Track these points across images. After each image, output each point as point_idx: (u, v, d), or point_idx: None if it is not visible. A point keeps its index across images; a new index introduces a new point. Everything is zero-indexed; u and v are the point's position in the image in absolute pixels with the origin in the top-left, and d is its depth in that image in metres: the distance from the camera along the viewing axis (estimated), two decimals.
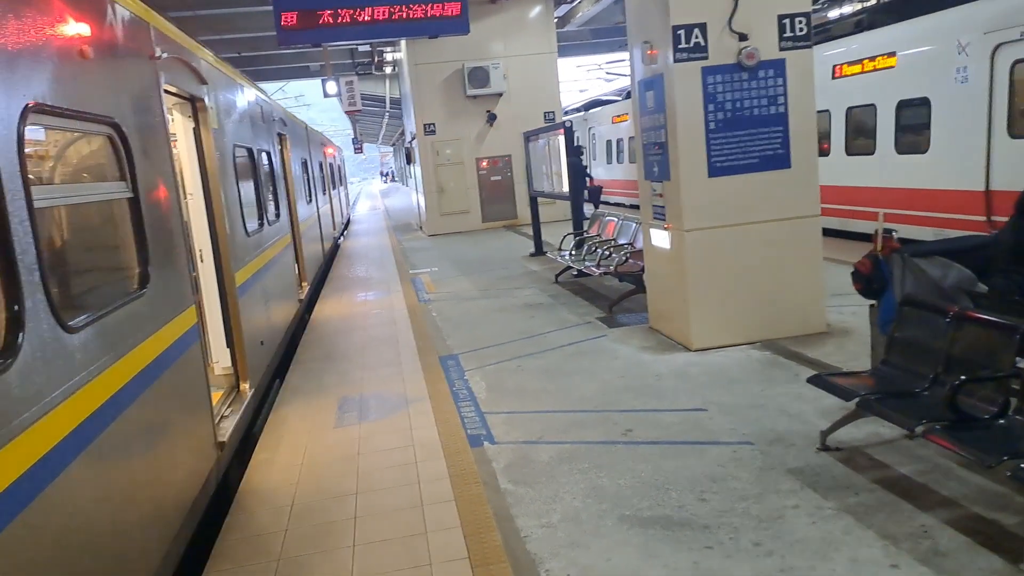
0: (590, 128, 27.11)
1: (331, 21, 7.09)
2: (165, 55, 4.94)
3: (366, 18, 7.14)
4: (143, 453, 3.77)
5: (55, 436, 2.84)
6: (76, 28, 3.50)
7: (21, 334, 2.69)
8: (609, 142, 25.12)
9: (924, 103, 10.18)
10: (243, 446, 6.24)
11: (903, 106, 10.58)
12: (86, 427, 3.11)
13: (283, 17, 7.12)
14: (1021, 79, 8.85)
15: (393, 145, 79.43)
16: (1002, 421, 3.75)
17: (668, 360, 6.89)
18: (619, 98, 29.85)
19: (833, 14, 16.52)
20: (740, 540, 3.81)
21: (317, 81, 35.77)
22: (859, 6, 22.76)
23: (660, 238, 7.42)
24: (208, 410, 5.15)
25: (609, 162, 25.12)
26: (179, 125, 6.05)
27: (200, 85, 6.01)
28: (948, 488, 4.10)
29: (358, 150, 54.51)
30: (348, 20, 7.12)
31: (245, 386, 6.47)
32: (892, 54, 10.61)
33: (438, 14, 7.27)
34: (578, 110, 32.68)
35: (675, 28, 6.64)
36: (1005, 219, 9.49)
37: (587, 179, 19.69)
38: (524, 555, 3.91)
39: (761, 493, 4.27)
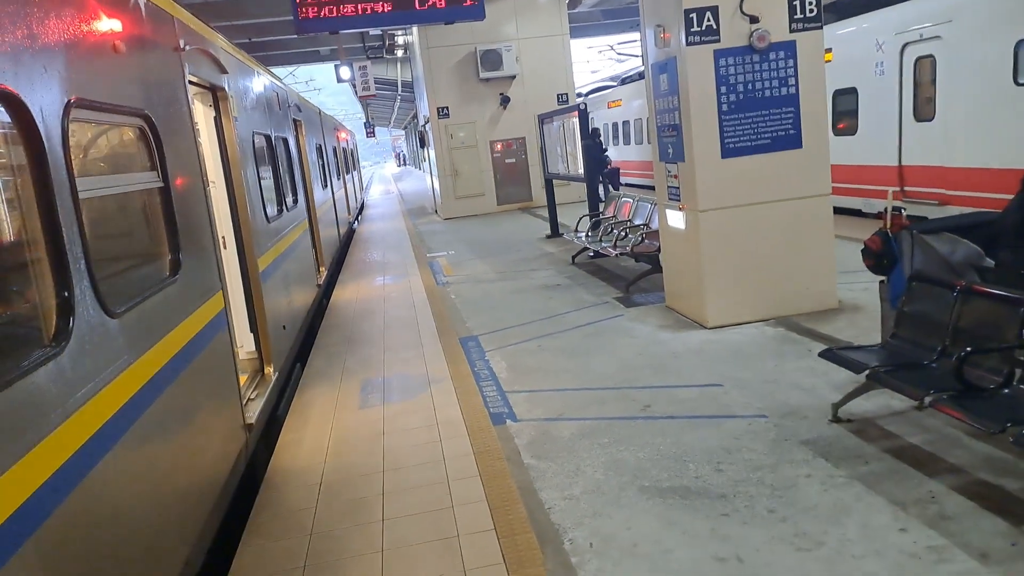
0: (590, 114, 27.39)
1: (349, 9, 7.21)
2: (189, 47, 5.10)
3: (384, 7, 7.26)
4: (179, 434, 3.96)
5: (103, 416, 3.03)
6: (110, 24, 3.65)
7: (72, 319, 2.86)
8: (605, 125, 25.53)
9: (853, 92, 12.08)
10: (267, 429, 6.44)
11: (838, 95, 12.32)
12: (129, 408, 3.30)
13: (300, 6, 7.24)
14: (923, 72, 10.75)
15: (405, 128, 79.47)
16: (1007, 391, 3.88)
17: (684, 338, 7.04)
18: (615, 84, 29.94)
19: None
20: (755, 507, 3.97)
21: (327, 65, 35.92)
22: None
23: (675, 218, 7.54)
24: (236, 393, 5.34)
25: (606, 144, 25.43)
26: (200, 114, 6.21)
27: (221, 75, 6.17)
28: (955, 456, 4.24)
29: (370, 134, 54.63)
30: (366, 8, 7.23)
31: (269, 370, 6.66)
32: (829, 50, 11.16)
33: (455, 1, 7.39)
34: (578, 96, 32.79)
35: (687, 11, 6.73)
36: (916, 189, 10.94)
37: (606, 161, 19.76)
38: (548, 525, 4.09)
39: (775, 463, 4.43)
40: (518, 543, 3.96)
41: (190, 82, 5.15)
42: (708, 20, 6.77)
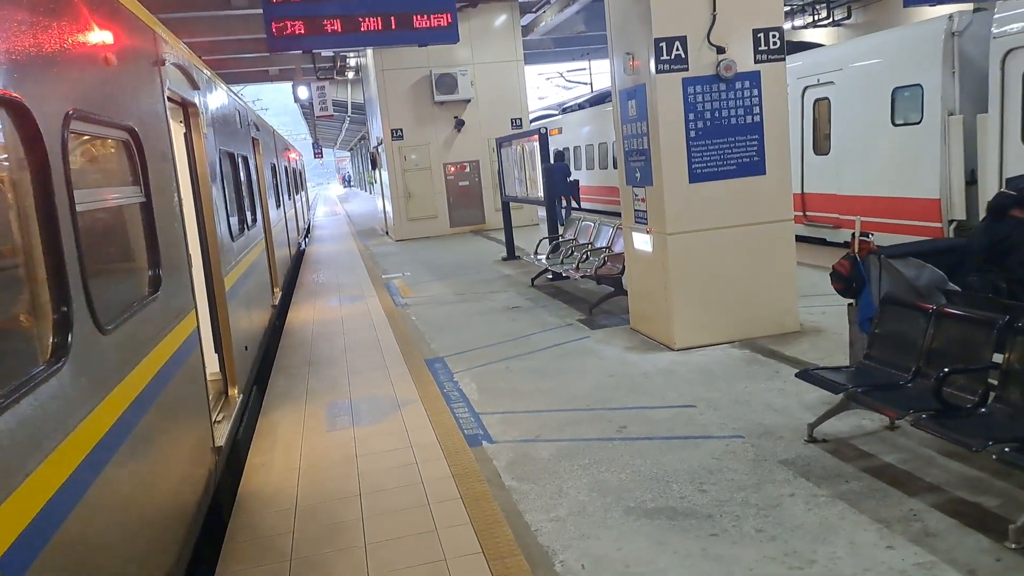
0: None
1: (323, 28, 7.16)
2: (167, 61, 5.00)
3: (359, 27, 7.23)
4: (157, 457, 3.83)
5: (99, 434, 2.91)
6: (101, 36, 3.56)
7: (70, 335, 2.75)
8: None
9: None
10: (232, 452, 6.27)
11: None
12: (118, 427, 3.18)
13: (274, 24, 7.15)
14: (820, 113, 12.50)
15: (351, 150, 78.96)
16: (983, 409, 4.02)
17: (653, 359, 7.11)
18: (556, 112, 30.49)
19: None
20: (743, 527, 4.01)
21: (273, 85, 35.52)
22: (809, 20, 23.54)
23: (642, 241, 7.64)
24: (207, 414, 5.20)
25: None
26: (173, 130, 6.07)
27: (193, 90, 6.05)
28: (931, 475, 4.36)
29: (318, 155, 54.22)
30: (340, 28, 7.20)
31: (234, 391, 6.50)
32: None
33: (430, 24, 7.40)
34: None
35: (657, 40, 6.88)
36: (815, 213, 12.35)
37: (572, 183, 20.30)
38: (537, 548, 4.05)
39: (758, 483, 4.48)
40: (508, 566, 3.92)
41: (167, 97, 5.05)
42: (677, 49, 6.93)
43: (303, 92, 15.42)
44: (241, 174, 8.73)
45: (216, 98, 7.34)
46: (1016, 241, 4.64)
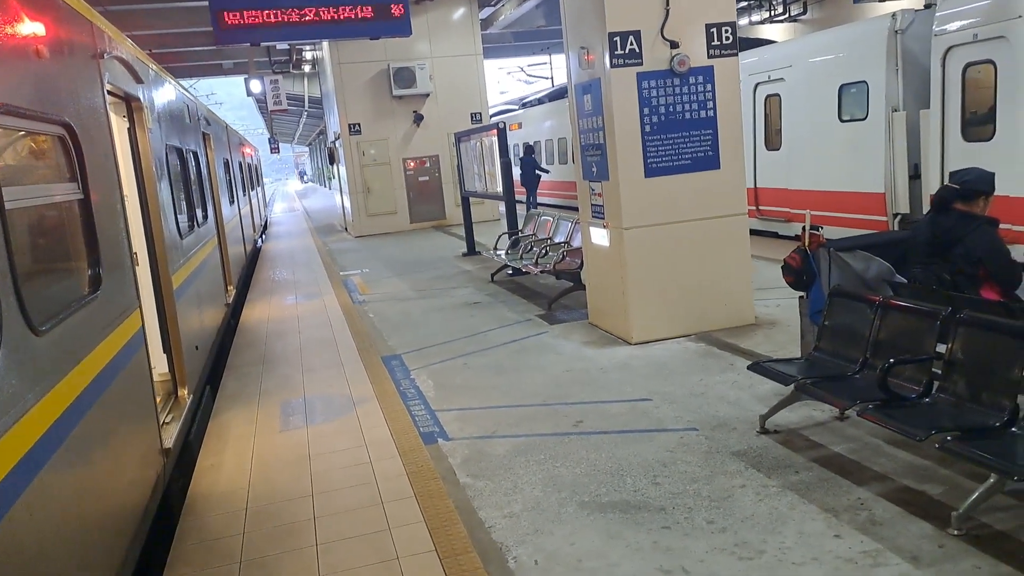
0: None
1: (272, 20, 7.01)
2: (107, 54, 4.86)
3: (308, 18, 7.10)
4: (98, 461, 3.72)
5: (30, 440, 2.81)
6: (32, 27, 3.44)
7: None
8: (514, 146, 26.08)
9: None
10: (181, 454, 6.15)
11: None
12: (55, 430, 3.08)
13: (222, 16, 6.99)
14: (772, 109, 12.62)
15: (309, 145, 78.10)
16: (927, 400, 4.09)
17: (610, 354, 7.13)
18: (516, 107, 30.54)
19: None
20: (695, 519, 4.03)
21: (228, 78, 34.93)
22: (765, 15, 23.86)
23: (599, 236, 7.65)
24: (154, 415, 5.09)
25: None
26: (115, 125, 5.92)
27: (136, 84, 5.90)
28: (879, 464, 4.43)
29: (274, 150, 53.53)
30: (289, 20, 7.05)
31: (183, 392, 6.37)
32: None
33: (381, 16, 7.30)
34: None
35: (611, 35, 6.88)
36: (767, 208, 12.61)
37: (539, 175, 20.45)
38: (490, 544, 4.03)
39: (710, 475, 4.52)
40: (461, 563, 3.89)
41: (108, 91, 4.91)
42: (631, 44, 6.94)
43: (256, 86, 15.16)
44: (190, 170, 8.55)
45: (162, 93, 7.17)
46: (959, 234, 4.72)
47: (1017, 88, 8.25)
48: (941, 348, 4.18)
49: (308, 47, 24.62)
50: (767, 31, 22.99)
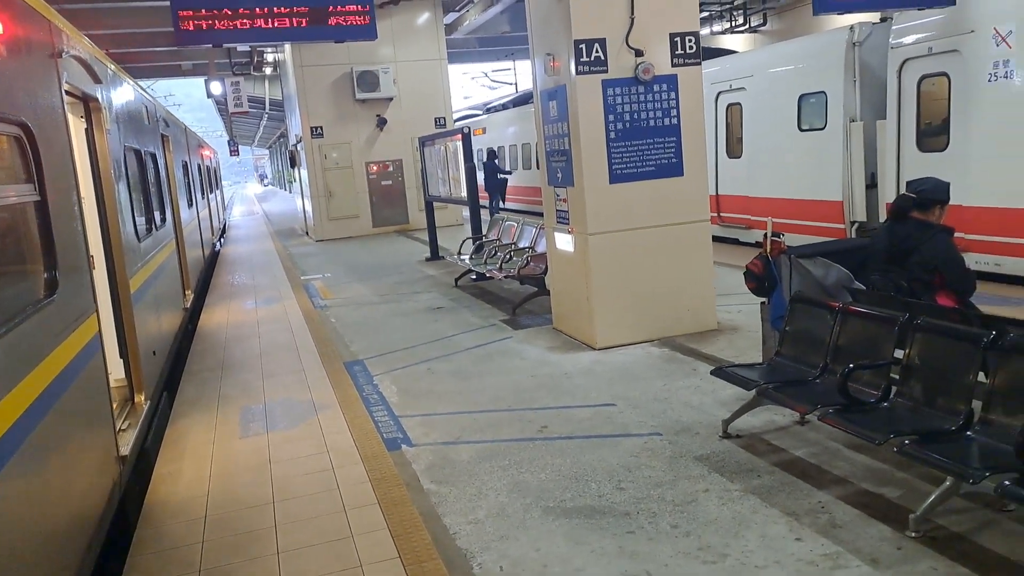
0: None
1: (233, 23, 6.91)
2: (66, 53, 4.75)
3: (272, 22, 7.01)
4: (53, 469, 3.62)
5: None
6: None
7: None
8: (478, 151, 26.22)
9: None
10: (137, 462, 6.02)
11: None
12: (7, 439, 2.99)
13: (182, 16, 6.87)
14: (733, 117, 12.94)
15: (270, 148, 77.21)
16: (886, 404, 4.17)
17: (575, 359, 7.15)
18: (480, 112, 30.59)
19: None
20: (659, 524, 4.06)
21: (187, 80, 34.37)
22: (727, 26, 24.21)
23: (564, 241, 7.68)
24: (110, 422, 4.97)
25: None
26: (72, 126, 5.79)
27: (95, 84, 5.78)
28: (838, 468, 4.50)
29: (234, 152, 52.81)
30: (251, 23, 6.96)
31: (140, 398, 6.24)
32: None
33: (347, 20, 7.23)
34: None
35: (577, 42, 6.92)
36: (729, 215, 12.96)
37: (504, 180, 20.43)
38: (455, 551, 4.01)
39: (674, 479, 4.55)
40: (426, 570, 3.86)
41: (65, 91, 4.80)
42: (597, 51, 6.98)
43: (216, 88, 14.94)
44: (149, 172, 8.40)
45: (121, 93, 7.04)
46: (915, 242, 4.83)
47: (969, 100, 8.50)
48: (899, 354, 4.27)
49: (270, 49, 24.36)
50: (728, 41, 23.33)
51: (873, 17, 11.90)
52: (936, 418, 3.87)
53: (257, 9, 7.11)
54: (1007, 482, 3.14)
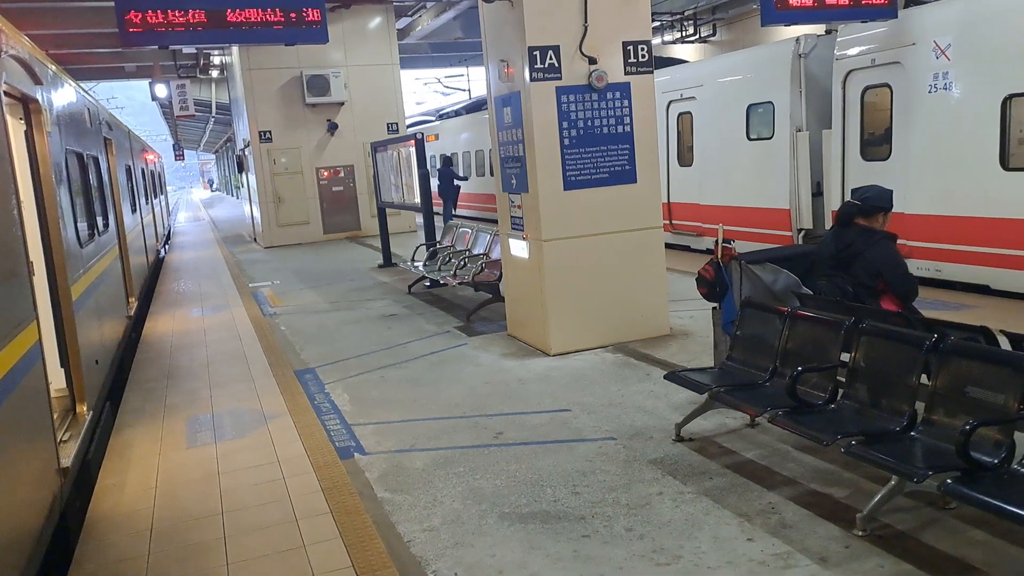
0: None
1: (181, 23, 6.75)
2: (4, 52, 4.59)
3: (221, 23, 6.86)
4: None
5: None
6: None
7: None
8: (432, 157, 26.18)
9: None
10: (80, 474, 5.84)
11: None
12: None
13: (128, 16, 6.69)
14: (684, 126, 13.19)
15: (216, 153, 75.85)
16: (833, 406, 4.26)
17: (529, 365, 7.16)
18: (433, 118, 30.59)
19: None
20: (614, 527, 4.08)
21: (130, 82, 33.53)
22: (677, 35, 24.61)
23: (518, 248, 7.69)
24: (51, 433, 4.81)
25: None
26: (11, 127, 5.60)
27: (35, 85, 5.60)
28: (787, 469, 4.59)
29: (179, 157, 51.74)
30: (200, 24, 6.80)
31: (82, 408, 6.06)
32: None
33: (297, 23, 7.13)
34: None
35: (531, 49, 6.95)
36: (680, 222, 13.21)
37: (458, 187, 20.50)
38: (410, 559, 3.97)
39: (628, 483, 4.58)
40: None
41: (4, 92, 4.64)
42: (551, 58, 7.02)
43: (162, 90, 14.61)
44: (91, 176, 8.17)
45: (62, 95, 6.84)
46: (860, 248, 4.95)
47: (911, 111, 8.77)
48: (846, 357, 4.38)
49: (216, 52, 23.96)
50: (679, 51, 23.72)
51: (819, 29, 12.22)
52: (881, 419, 3.97)
53: (205, 11, 6.97)
54: (949, 481, 3.23)
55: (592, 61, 7.12)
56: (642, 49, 7.32)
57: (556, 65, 7.03)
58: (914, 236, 8.62)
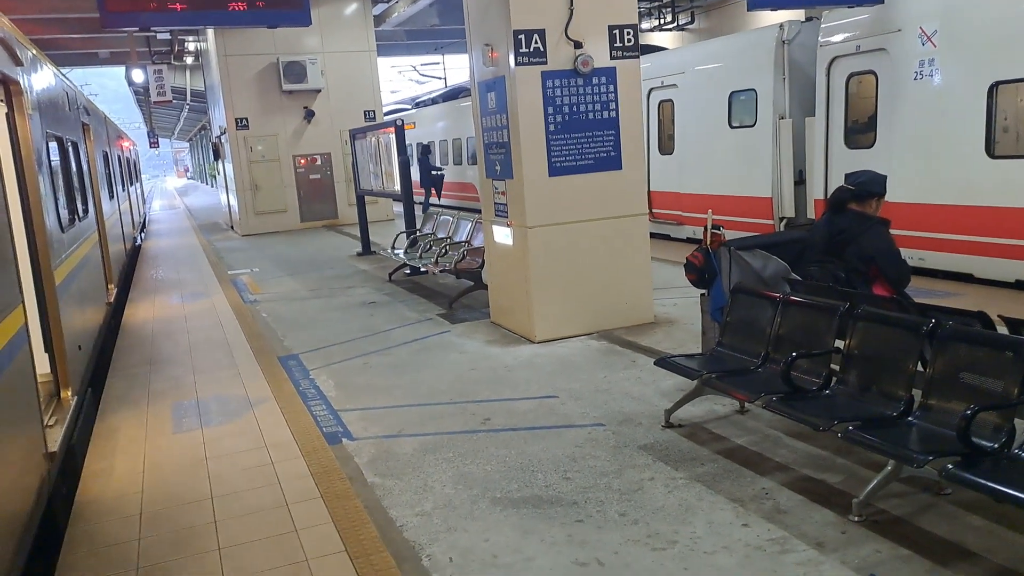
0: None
1: (164, 5, 6.60)
2: None
3: (203, 4, 6.72)
4: None
5: None
6: None
7: None
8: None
9: None
10: (65, 459, 5.75)
11: None
12: None
13: None
14: (665, 114, 13.22)
15: (190, 140, 74.82)
16: (827, 392, 4.29)
17: (514, 352, 7.14)
18: (409, 107, 30.40)
19: None
20: (607, 512, 4.08)
21: (103, 69, 32.93)
22: (655, 23, 24.61)
23: (503, 235, 7.66)
24: (38, 418, 4.74)
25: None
26: None
27: (15, 67, 5.47)
28: (779, 455, 4.62)
29: (153, 144, 51.00)
30: (182, 5, 6.66)
31: (67, 393, 5.97)
32: None
33: (280, 5, 7.01)
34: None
35: (516, 32, 6.90)
36: (661, 211, 13.19)
37: (438, 177, 20.41)
38: (403, 543, 3.95)
39: (619, 469, 4.58)
40: (374, 563, 3.79)
41: None
42: (536, 42, 6.98)
43: (138, 75, 14.37)
44: (71, 161, 8.03)
45: (43, 78, 6.69)
46: (853, 233, 4.97)
47: (896, 98, 8.82)
48: (839, 343, 4.40)
49: (191, 38, 23.58)
50: (657, 38, 23.71)
51: (802, 15, 12.26)
52: (877, 404, 3.99)
53: None
54: (950, 466, 3.26)
55: (578, 45, 7.09)
56: (628, 33, 7.30)
57: (541, 49, 6.99)
58: (898, 225, 8.68)
